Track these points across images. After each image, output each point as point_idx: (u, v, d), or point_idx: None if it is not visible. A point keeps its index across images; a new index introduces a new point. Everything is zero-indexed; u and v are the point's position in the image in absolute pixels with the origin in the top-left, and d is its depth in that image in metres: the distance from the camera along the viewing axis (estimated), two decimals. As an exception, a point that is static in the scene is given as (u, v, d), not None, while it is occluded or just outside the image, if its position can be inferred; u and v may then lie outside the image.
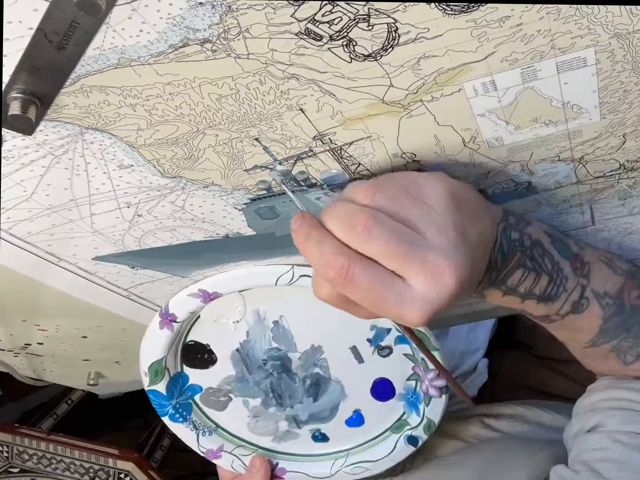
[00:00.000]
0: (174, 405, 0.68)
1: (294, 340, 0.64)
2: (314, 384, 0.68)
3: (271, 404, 0.69)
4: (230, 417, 0.70)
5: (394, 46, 0.35)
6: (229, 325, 0.63)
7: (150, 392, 0.67)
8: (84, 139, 0.39)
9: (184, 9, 0.32)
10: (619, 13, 0.35)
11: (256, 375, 0.67)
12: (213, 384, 0.68)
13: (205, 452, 0.71)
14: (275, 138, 0.41)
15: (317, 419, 0.70)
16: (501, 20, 0.35)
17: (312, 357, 0.65)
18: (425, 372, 0.65)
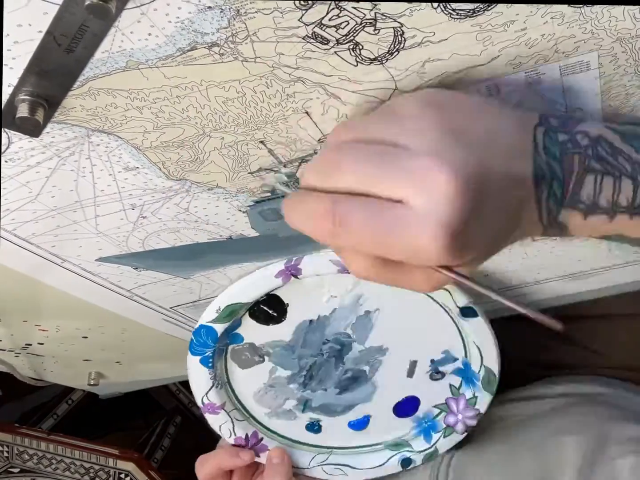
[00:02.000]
0: (215, 349, 0.63)
1: (370, 334, 0.63)
2: (351, 378, 0.66)
3: (296, 381, 0.67)
4: (247, 377, 0.67)
5: (399, 50, 0.36)
6: (323, 297, 0.61)
7: (205, 328, 0.61)
8: (90, 141, 0.40)
9: (193, 13, 0.32)
10: (622, 18, 0.36)
11: (307, 350, 0.64)
12: (257, 341, 0.64)
13: (206, 404, 0.67)
14: (280, 141, 0.42)
15: (326, 410, 0.69)
16: (506, 25, 0.35)
17: (372, 355, 0.64)
18: (467, 408, 0.66)
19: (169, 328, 0.68)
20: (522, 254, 0.59)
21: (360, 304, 0.61)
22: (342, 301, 0.60)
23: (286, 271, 0.56)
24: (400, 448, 0.70)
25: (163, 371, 0.91)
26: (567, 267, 0.63)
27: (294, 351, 0.64)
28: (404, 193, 0.33)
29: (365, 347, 0.64)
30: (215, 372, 0.65)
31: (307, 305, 0.61)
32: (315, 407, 0.69)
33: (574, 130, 0.38)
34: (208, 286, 0.59)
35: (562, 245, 0.59)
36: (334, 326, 0.62)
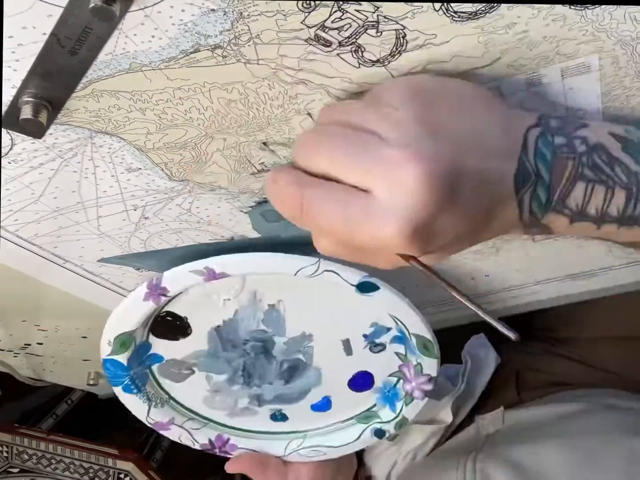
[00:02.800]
0: (131, 376, 0.63)
1: (285, 326, 0.62)
2: (291, 367, 0.66)
3: (237, 382, 0.66)
4: (186, 389, 0.67)
5: (401, 52, 0.36)
6: (218, 302, 0.59)
7: (109, 361, 0.61)
8: (93, 142, 0.40)
9: (196, 15, 0.32)
10: (623, 20, 0.36)
11: (231, 353, 0.64)
12: (178, 356, 0.64)
13: (154, 424, 0.68)
14: (282, 142, 0.42)
15: (282, 400, 0.68)
16: (507, 27, 0.35)
17: (299, 343, 0.63)
18: (416, 375, 0.65)
19: (170, 328, 0.68)
20: (523, 255, 0.60)
21: (259, 299, 0.59)
22: (240, 301, 0.59)
23: (152, 292, 0.55)
24: (370, 420, 0.70)
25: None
26: (568, 268, 0.64)
27: (218, 356, 0.64)
28: (371, 183, 0.33)
29: (288, 338, 0.63)
30: (146, 394, 0.65)
31: (206, 313, 0.60)
32: (270, 400, 0.68)
33: (573, 135, 0.38)
34: (209, 287, 0.59)
35: (562, 245, 0.59)
36: (245, 326, 0.62)
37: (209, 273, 0.53)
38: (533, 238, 0.57)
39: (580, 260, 0.62)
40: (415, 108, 0.34)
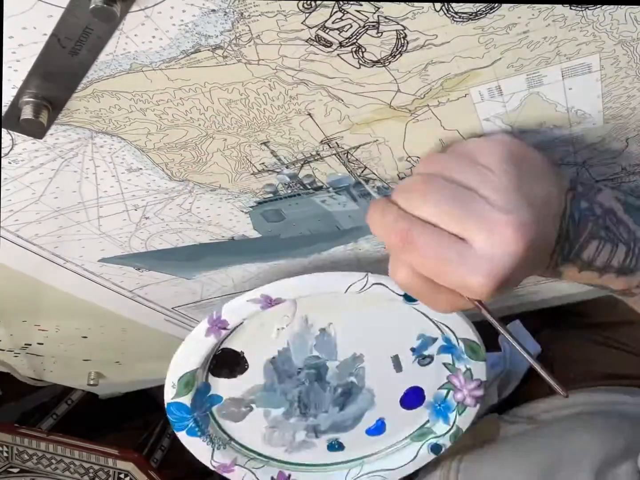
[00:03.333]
0: (195, 418, 0.64)
1: (337, 349, 0.62)
2: (344, 393, 0.66)
3: (294, 414, 0.67)
4: (246, 428, 0.67)
5: (402, 52, 0.36)
6: (271, 333, 0.60)
7: (174, 405, 0.62)
8: (93, 142, 0.40)
9: (197, 16, 0.32)
10: (623, 20, 0.36)
11: (287, 384, 0.64)
12: (236, 394, 0.64)
13: (217, 467, 0.68)
14: (283, 142, 0.42)
15: (338, 428, 0.69)
16: (508, 28, 0.35)
17: (351, 366, 0.64)
18: (467, 381, 0.66)
19: (171, 328, 0.68)
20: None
21: (311, 324, 0.61)
22: (292, 329, 0.60)
23: (212, 327, 0.57)
24: (425, 437, 0.70)
25: (163, 371, 0.91)
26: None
27: (275, 389, 0.64)
28: (471, 235, 0.38)
29: (340, 361, 0.64)
30: (209, 436, 0.66)
31: (260, 345, 0.61)
32: (326, 430, 0.69)
33: (593, 200, 0.44)
34: (210, 287, 0.60)
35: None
36: (299, 354, 0.63)
37: (265, 300, 0.55)
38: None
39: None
40: (513, 176, 0.39)
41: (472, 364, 0.64)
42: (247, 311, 0.56)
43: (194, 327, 0.58)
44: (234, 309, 0.56)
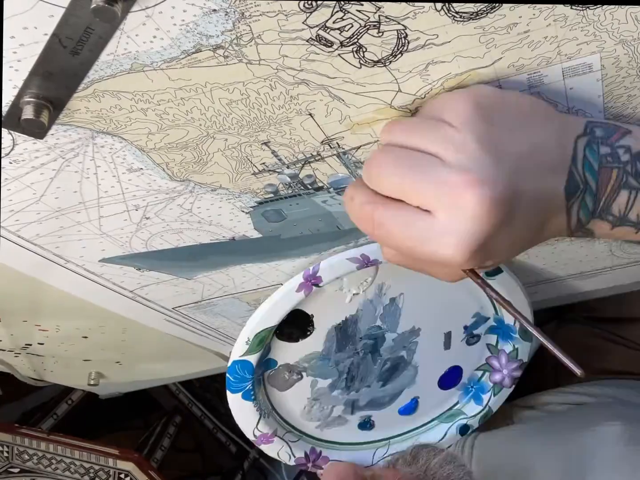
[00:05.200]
0: (254, 380, 0.61)
1: (399, 320, 0.62)
2: (392, 367, 0.65)
3: (339, 386, 0.65)
4: (290, 398, 0.66)
5: (403, 52, 0.36)
6: (346, 297, 0.59)
7: (240, 363, 0.59)
8: (94, 142, 0.40)
9: (198, 16, 0.32)
10: (624, 20, 0.36)
11: (342, 354, 0.63)
12: (291, 360, 0.62)
13: (258, 437, 0.66)
14: (283, 142, 0.42)
15: (375, 405, 0.68)
16: (509, 27, 0.35)
17: (406, 339, 0.63)
18: (509, 361, 0.66)
19: (171, 328, 0.68)
20: (523, 255, 0.60)
21: (384, 293, 0.59)
22: (365, 296, 0.59)
23: (307, 282, 0.55)
24: (455, 418, 0.71)
25: (163, 371, 0.91)
26: (569, 268, 0.64)
27: (329, 358, 0.63)
28: (432, 206, 0.35)
29: (398, 334, 0.63)
30: (259, 403, 0.63)
31: (331, 310, 0.60)
32: (363, 406, 0.68)
33: (617, 144, 0.39)
34: (210, 287, 0.60)
35: (563, 246, 0.59)
36: (364, 322, 0.61)
37: (364, 260, 0.54)
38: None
39: (581, 260, 0.62)
40: (478, 129, 0.35)
41: (521, 344, 0.65)
42: (343, 269, 0.55)
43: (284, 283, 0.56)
44: (332, 265, 0.54)
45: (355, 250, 0.54)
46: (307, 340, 0.61)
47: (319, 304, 0.59)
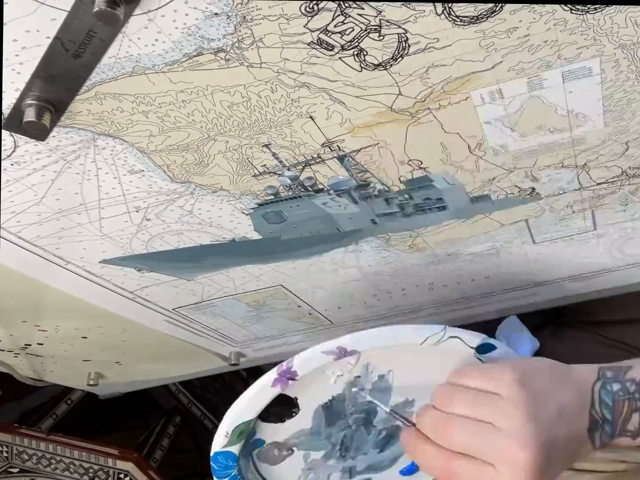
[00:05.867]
0: (239, 466, 0.61)
1: (390, 395, 0.61)
2: (388, 435, 0.65)
3: (333, 457, 0.65)
4: (282, 471, 0.65)
5: (403, 56, 0.36)
6: (330, 379, 0.58)
7: (222, 454, 0.59)
8: (96, 144, 0.40)
9: (200, 19, 0.32)
10: (624, 24, 0.36)
11: (333, 428, 0.63)
12: (280, 439, 0.62)
13: None
14: (284, 145, 0.42)
15: (374, 468, 0.67)
16: (509, 31, 0.36)
17: (401, 410, 0.62)
18: None
19: (171, 329, 0.68)
20: (523, 256, 0.60)
21: (371, 371, 0.59)
22: (350, 376, 0.59)
23: (281, 378, 0.54)
24: None
25: (163, 371, 0.91)
26: (569, 269, 0.64)
27: (320, 433, 0.62)
28: (494, 461, 0.46)
29: (391, 406, 0.61)
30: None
31: (316, 391, 0.59)
32: (361, 471, 0.67)
33: (624, 379, 0.50)
34: (210, 288, 0.60)
35: (562, 248, 0.59)
36: (352, 399, 0.61)
37: (341, 352, 0.54)
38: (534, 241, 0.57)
39: (581, 262, 0.62)
40: (522, 402, 0.46)
41: None
42: (319, 362, 0.54)
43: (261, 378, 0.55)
44: (306, 360, 0.54)
45: (331, 342, 0.53)
46: (293, 419, 0.61)
47: (301, 387, 0.58)
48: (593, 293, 0.71)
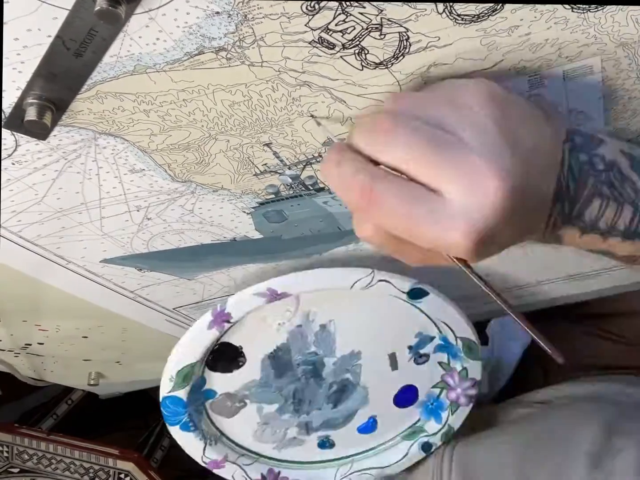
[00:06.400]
0: (189, 413, 0.63)
1: (335, 345, 0.62)
2: (339, 390, 0.66)
3: (287, 411, 0.66)
4: (237, 424, 0.67)
5: (405, 54, 0.36)
6: (272, 327, 0.60)
7: (169, 398, 0.61)
8: (97, 143, 0.40)
9: (201, 18, 0.32)
10: (625, 23, 0.36)
11: (283, 380, 0.64)
12: (231, 389, 0.64)
13: (208, 463, 0.68)
14: (285, 144, 0.42)
15: (330, 425, 0.69)
16: (510, 30, 0.36)
17: (348, 362, 0.63)
18: (461, 380, 0.66)
19: (172, 329, 0.68)
20: (523, 256, 0.60)
21: (312, 319, 0.60)
22: (292, 324, 0.60)
23: (216, 320, 0.56)
24: (416, 436, 0.70)
25: (163, 371, 0.91)
26: (568, 269, 0.64)
27: (270, 385, 0.64)
28: (445, 186, 0.33)
29: (337, 358, 0.63)
30: (202, 432, 0.65)
31: (260, 340, 0.61)
32: (317, 427, 0.69)
33: (593, 152, 0.38)
34: (211, 287, 0.60)
35: (563, 247, 0.59)
36: (297, 349, 0.62)
37: (271, 294, 0.54)
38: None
39: (580, 261, 0.62)
40: (495, 115, 0.34)
41: (469, 363, 0.65)
42: (252, 305, 0.55)
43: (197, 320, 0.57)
44: (239, 302, 0.55)
45: (262, 284, 0.54)
46: (241, 369, 0.62)
47: (245, 335, 0.60)
48: (593, 293, 0.71)
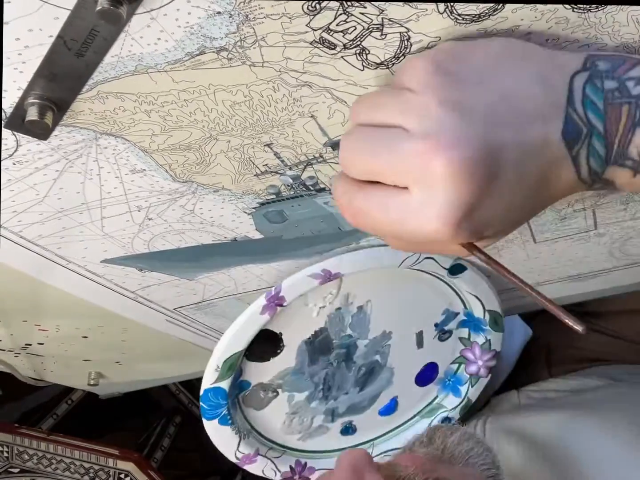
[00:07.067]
0: (228, 405, 0.60)
1: (369, 327, 0.62)
2: (367, 372, 0.66)
3: (316, 397, 0.65)
4: (268, 415, 0.65)
5: (405, 54, 0.36)
6: (312, 312, 0.59)
7: (212, 390, 0.58)
8: (98, 144, 0.40)
9: (202, 18, 0.32)
10: (625, 23, 0.36)
11: (316, 366, 0.63)
12: (265, 379, 0.62)
13: (241, 458, 0.66)
14: (286, 144, 0.42)
15: (355, 410, 0.69)
16: (511, 30, 0.36)
17: (379, 344, 0.63)
18: (483, 353, 0.68)
19: (172, 329, 0.68)
20: (523, 256, 0.60)
21: (351, 302, 0.60)
22: (332, 307, 0.59)
23: (270, 304, 0.55)
24: (436, 412, 0.72)
25: (163, 371, 0.91)
26: (568, 269, 0.64)
27: (304, 372, 0.63)
28: (406, 181, 0.33)
29: (369, 339, 0.63)
30: (236, 426, 0.63)
31: (299, 326, 0.60)
32: (343, 412, 0.69)
33: (625, 77, 0.33)
34: (212, 287, 0.60)
35: (563, 247, 0.59)
36: (333, 333, 0.62)
37: (326, 275, 0.53)
38: (533, 237, 0.57)
39: (581, 262, 0.62)
40: (439, 88, 0.32)
41: (492, 335, 0.67)
42: (306, 286, 0.55)
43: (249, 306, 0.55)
44: (294, 284, 0.54)
45: (316, 265, 0.54)
46: (277, 358, 0.61)
47: (286, 321, 0.59)
48: (593, 293, 0.71)
